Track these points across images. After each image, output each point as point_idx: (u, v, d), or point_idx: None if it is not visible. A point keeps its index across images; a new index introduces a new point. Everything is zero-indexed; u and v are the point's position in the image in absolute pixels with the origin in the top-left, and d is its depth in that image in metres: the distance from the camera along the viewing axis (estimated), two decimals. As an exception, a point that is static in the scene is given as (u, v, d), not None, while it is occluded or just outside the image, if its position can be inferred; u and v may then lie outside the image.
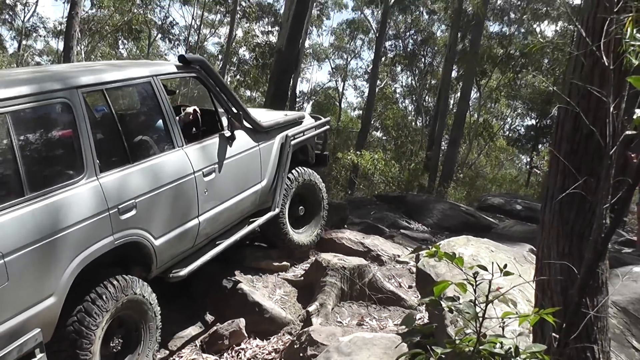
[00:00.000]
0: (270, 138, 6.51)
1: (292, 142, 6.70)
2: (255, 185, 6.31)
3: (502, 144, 30.88)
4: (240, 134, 6.09)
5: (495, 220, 11.12)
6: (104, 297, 4.36)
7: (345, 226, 8.74)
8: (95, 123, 4.75)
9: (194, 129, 6.07)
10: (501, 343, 2.03)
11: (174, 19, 34.52)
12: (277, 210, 6.47)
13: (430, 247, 2.52)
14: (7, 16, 30.38)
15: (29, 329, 3.80)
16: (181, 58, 5.71)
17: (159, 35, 33.29)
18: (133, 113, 5.77)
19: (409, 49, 32.99)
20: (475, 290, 2.11)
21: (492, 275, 2.24)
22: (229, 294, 6.29)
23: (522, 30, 29.25)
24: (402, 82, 36.79)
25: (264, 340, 5.95)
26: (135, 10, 28.26)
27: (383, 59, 31.92)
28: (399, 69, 35.52)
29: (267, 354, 5.74)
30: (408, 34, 32.89)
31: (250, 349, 5.82)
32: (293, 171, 6.87)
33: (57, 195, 4.08)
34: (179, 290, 6.27)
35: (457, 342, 2.08)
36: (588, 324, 3.05)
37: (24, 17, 30.88)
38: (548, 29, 65.20)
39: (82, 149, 4.32)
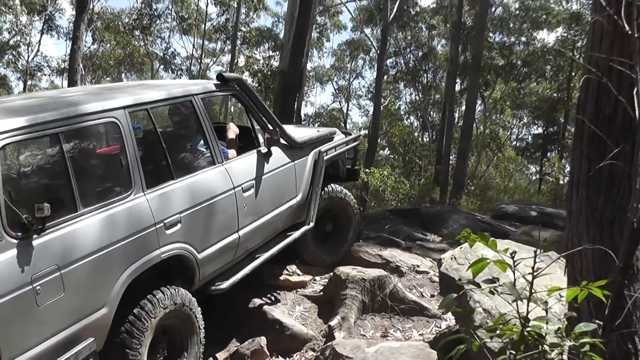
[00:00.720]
0: (305, 154, 6.63)
1: (325, 158, 6.80)
2: (291, 200, 6.42)
3: (511, 154, 30.75)
4: (276, 150, 6.21)
5: (512, 228, 10.97)
6: (151, 306, 4.46)
7: (361, 240, 8.62)
8: (140, 141, 4.89)
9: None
10: (547, 324, 1.92)
11: (175, 50, 34.62)
12: (311, 224, 6.54)
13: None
14: (11, 57, 30.65)
15: (83, 338, 3.96)
16: (219, 77, 5.89)
17: (161, 66, 33.46)
18: (175, 131, 5.85)
19: (410, 65, 33.05)
20: (514, 273, 2.00)
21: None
22: (248, 313, 6.16)
23: (523, 39, 29.29)
24: (405, 98, 36.80)
25: (287, 359, 5.82)
26: (136, 43, 28.43)
27: (385, 76, 31.93)
28: (402, 85, 35.55)
29: (291, 372, 5.62)
30: (409, 50, 32.94)
31: (274, 367, 5.70)
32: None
33: (108, 210, 4.25)
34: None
35: (501, 327, 1.97)
36: (626, 313, 2.93)
37: (28, 57, 31.17)
38: (548, 37, 65.41)
39: (129, 166, 4.50)
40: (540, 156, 29.07)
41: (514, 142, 33.83)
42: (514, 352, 1.93)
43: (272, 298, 6.42)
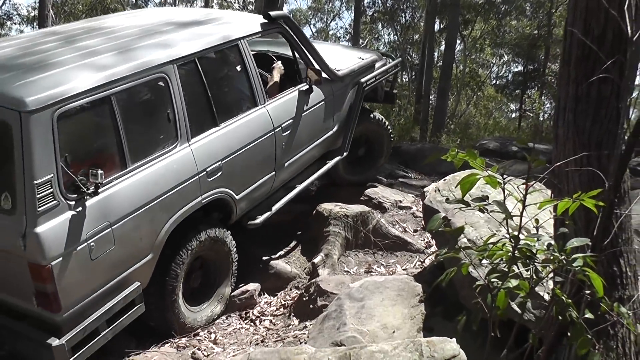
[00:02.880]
0: (345, 85, 6.69)
1: (364, 88, 6.85)
2: (328, 132, 6.57)
3: (491, 92, 30.60)
4: (316, 86, 6.26)
5: (493, 163, 10.98)
6: (189, 242, 4.83)
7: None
8: (186, 92, 4.87)
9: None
10: (538, 240, 1.87)
11: (147, -4, 33.72)
12: (346, 153, 6.74)
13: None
14: (-23, 5, 29.65)
15: (131, 283, 4.38)
16: (266, 15, 5.88)
17: (135, 12, 32.65)
18: (220, 77, 5.72)
19: (388, 5, 32.51)
20: (503, 190, 1.93)
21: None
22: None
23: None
24: (384, 39, 36.31)
25: (272, 297, 5.81)
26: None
27: (363, 17, 31.41)
28: (380, 26, 35.00)
29: (275, 310, 5.61)
30: (387, -12, 32.38)
31: (258, 306, 5.68)
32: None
33: (155, 164, 4.49)
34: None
35: (492, 247, 1.91)
36: (612, 235, 2.90)
37: (-4, 5, 30.16)
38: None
39: (176, 120, 4.67)
40: (520, 93, 28.98)
41: (494, 81, 33.68)
42: (505, 270, 1.88)
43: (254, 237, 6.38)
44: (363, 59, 7.13)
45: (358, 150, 7.44)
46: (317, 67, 6.14)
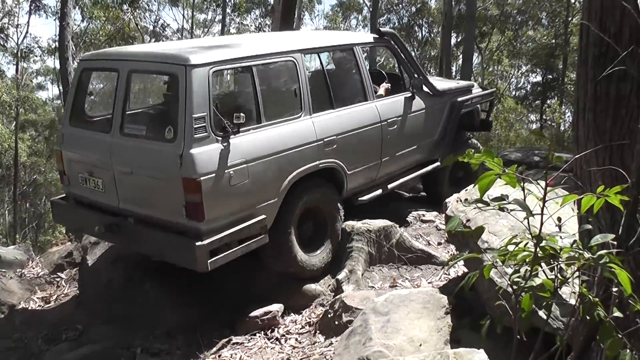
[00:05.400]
0: (444, 101, 7.60)
1: (460, 107, 7.72)
2: (427, 139, 7.43)
3: (510, 104, 30.44)
4: (419, 96, 7.21)
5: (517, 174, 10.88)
6: (304, 197, 5.80)
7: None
8: (310, 77, 6.24)
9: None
10: (561, 238, 1.82)
11: (165, 22, 34.20)
12: (443, 164, 7.36)
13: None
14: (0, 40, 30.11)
15: (259, 215, 5.33)
16: (377, 31, 7.42)
17: (152, 40, 32.99)
18: (337, 70, 7.06)
19: (404, 22, 32.61)
20: (523, 190, 1.88)
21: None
22: (256, 273, 6.08)
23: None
24: (401, 56, 36.29)
25: (297, 315, 5.77)
26: (125, 18, 27.97)
27: (379, 35, 31.45)
28: (397, 43, 35.04)
29: (301, 328, 5.57)
30: (401, 6, 32.49)
31: (284, 325, 5.64)
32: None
33: (283, 126, 5.61)
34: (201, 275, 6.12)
35: (511, 250, 1.86)
36: (638, 236, 2.83)
37: (17, 39, 30.62)
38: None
39: (301, 95, 5.82)
40: (540, 104, 28.80)
41: (513, 92, 33.53)
42: (529, 269, 1.83)
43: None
44: (459, 84, 8.29)
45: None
46: (418, 77, 7.16)
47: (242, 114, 5.04)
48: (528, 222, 1.88)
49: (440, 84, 7.81)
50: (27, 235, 27.05)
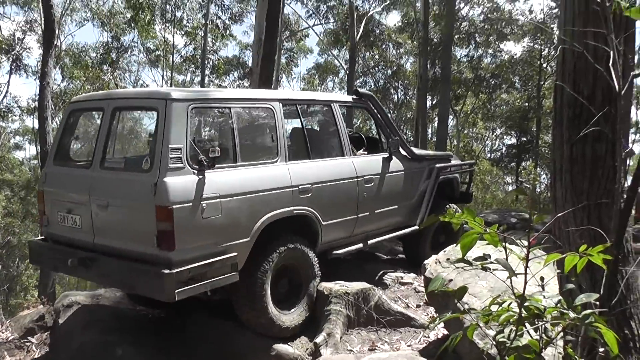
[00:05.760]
0: (421, 166, 7.81)
1: (439, 173, 7.88)
2: (404, 202, 7.51)
3: (486, 166, 30.84)
4: (396, 157, 7.40)
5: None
6: (277, 244, 5.75)
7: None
8: (288, 128, 6.50)
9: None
10: (545, 298, 1.79)
11: (144, 82, 34.41)
12: (418, 227, 7.51)
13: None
14: (-22, 99, 30.01)
15: (230, 252, 5.30)
16: (355, 92, 7.49)
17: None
18: (315, 124, 7.53)
19: (380, 84, 33.17)
20: (505, 249, 1.86)
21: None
22: (231, 336, 5.96)
23: (490, 51, 29.52)
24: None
25: (274, 380, 5.61)
26: (106, 78, 28.11)
27: (356, 97, 31.87)
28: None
29: (278, 394, 5.41)
30: (377, 69, 33.11)
31: (260, 390, 5.49)
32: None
33: (258, 167, 5.75)
34: (177, 337, 5.97)
35: (493, 312, 1.82)
36: (620, 297, 2.82)
37: (-3, 99, 30.56)
38: (515, 48, 66.20)
39: (278, 142, 5.98)
40: (516, 166, 29.19)
41: (489, 154, 33.98)
42: (514, 329, 1.79)
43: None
44: (437, 153, 8.56)
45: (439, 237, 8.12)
46: (395, 139, 7.29)
47: (217, 148, 5.17)
48: (511, 282, 1.86)
49: (418, 150, 8.01)
50: (-3, 298, 26.40)
